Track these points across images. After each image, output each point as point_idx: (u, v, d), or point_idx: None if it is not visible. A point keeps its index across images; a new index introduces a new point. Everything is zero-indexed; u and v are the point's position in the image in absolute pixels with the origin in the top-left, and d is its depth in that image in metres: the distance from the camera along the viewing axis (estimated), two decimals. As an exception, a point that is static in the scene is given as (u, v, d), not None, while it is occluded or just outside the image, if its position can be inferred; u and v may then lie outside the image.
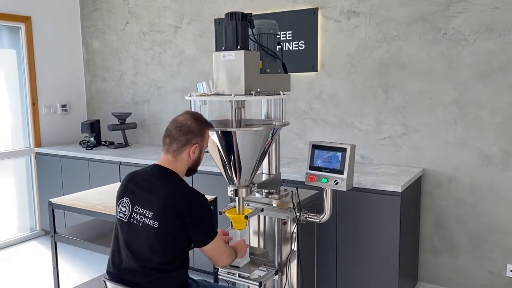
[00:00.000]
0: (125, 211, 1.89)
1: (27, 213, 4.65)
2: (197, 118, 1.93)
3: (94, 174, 4.06)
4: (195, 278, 2.22)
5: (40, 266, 3.90)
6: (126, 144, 4.47)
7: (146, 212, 1.83)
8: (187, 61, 4.24)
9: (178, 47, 4.27)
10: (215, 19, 4.00)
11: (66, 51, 4.81)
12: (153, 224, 1.80)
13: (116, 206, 1.96)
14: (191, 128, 1.89)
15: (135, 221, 1.85)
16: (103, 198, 2.73)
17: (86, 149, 4.35)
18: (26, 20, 4.41)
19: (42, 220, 4.65)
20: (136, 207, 1.86)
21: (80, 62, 4.96)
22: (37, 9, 4.50)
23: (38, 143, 4.58)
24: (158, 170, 1.91)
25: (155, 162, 1.96)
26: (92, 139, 4.47)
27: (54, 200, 2.67)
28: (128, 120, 4.50)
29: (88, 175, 4.11)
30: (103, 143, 4.54)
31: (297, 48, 3.59)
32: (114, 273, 1.91)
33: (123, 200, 1.92)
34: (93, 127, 4.49)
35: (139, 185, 1.91)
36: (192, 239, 1.86)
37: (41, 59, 4.56)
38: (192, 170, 1.99)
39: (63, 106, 4.79)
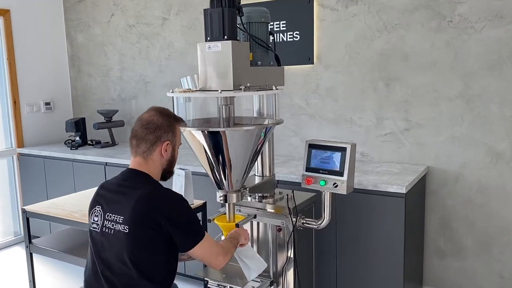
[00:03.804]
0: (97, 221, 1.71)
1: (10, 217, 4.43)
2: (164, 113, 1.76)
3: (79, 175, 3.85)
4: (185, 286, 2.04)
5: (23, 272, 3.69)
6: (113, 143, 4.26)
7: (117, 217, 1.64)
8: (176, 55, 4.02)
9: (166, 39, 4.05)
10: (205, 10, 3.76)
11: (49, 46, 4.57)
12: (124, 229, 1.61)
13: (89, 217, 1.77)
14: (159, 124, 1.72)
15: (107, 230, 1.66)
16: (82, 204, 2.51)
17: (71, 149, 4.14)
18: (4, 13, 4.17)
19: (27, 224, 4.44)
20: (108, 214, 1.68)
21: (64, 57, 4.73)
22: (16, 1, 4.26)
23: (20, 144, 4.36)
24: (129, 173, 1.75)
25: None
26: (77, 138, 4.26)
27: (28, 208, 2.46)
28: (115, 118, 4.29)
29: (72, 176, 3.90)
30: (89, 142, 4.33)
31: (291, 39, 3.38)
32: None
33: (95, 209, 1.74)
34: (78, 125, 4.27)
35: (111, 191, 1.74)
36: (177, 244, 1.67)
37: (22, 54, 4.33)
38: (167, 172, 1.81)
39: (47, 104, 4.56)
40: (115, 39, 4.38)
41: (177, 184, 2.51)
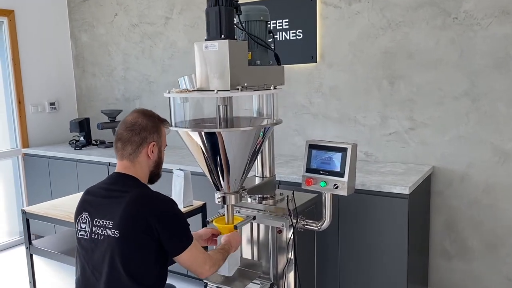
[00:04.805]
0: (85, 228, 1.67)
1: (15, 216, 4.45)
2: (148, 114, 1.75)
3: (82, 175, 3.85)
4: (185, 287, 2.01)
5: (26, 272, 3.70)
6: (117, 143, 4.25)
7: (106, 223, 1.61)
8: (179, 54, 4.00)
9: (169, 39, 4.03)
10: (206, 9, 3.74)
11: (53, 46, 4.58)
12: (114, 233, 1.58)
13: (75, 224, 1.73)
14: (143, 125, 1.70)
15: (96, 236, 1.63)
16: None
17: (75, 149, 4.14)
18: (8, 13, 4.18)
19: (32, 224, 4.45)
20: (96, 219, 1.65)
21: (68, 57, 4.74)
22: (21, 2, 4.27)
23: (25, 144, 4.37)
24: (116, 177, 1.71)
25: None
26: (81, 138, 4.26)
27: (28, 209, 2.46)
28: (118, 118, 4.27)
29: (76, 176, 3.90)
30: (93, 142, 4.33)
31: (294, 38, 3.34)
32: None
33: (82, 216, 1.69)
34: (82, 125, 4.28)
35: (98, 196, 1.70)
36: (165, 249, 1.64)
37: (27, 55, 4.34)
38: (155, 175, 1.78)
39: (52, 104, 4.58)
40: (118, 38, 4.37)
41: (176, 185, 2.49)
